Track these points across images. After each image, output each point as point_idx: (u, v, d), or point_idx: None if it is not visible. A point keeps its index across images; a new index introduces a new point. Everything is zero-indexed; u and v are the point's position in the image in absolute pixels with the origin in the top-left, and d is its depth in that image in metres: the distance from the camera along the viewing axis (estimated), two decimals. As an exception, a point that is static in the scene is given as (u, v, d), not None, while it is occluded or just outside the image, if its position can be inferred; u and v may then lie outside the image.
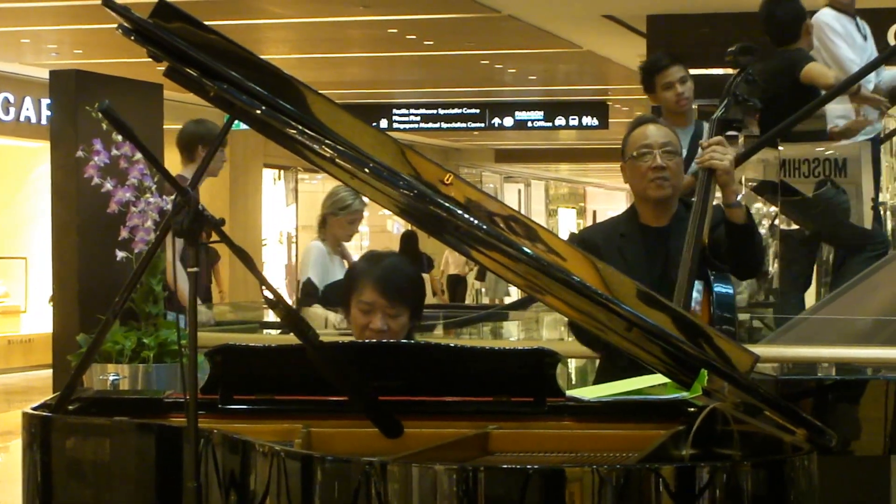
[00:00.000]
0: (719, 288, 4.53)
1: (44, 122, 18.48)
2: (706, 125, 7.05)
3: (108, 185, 5.52)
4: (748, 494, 2.80)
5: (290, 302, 5.51)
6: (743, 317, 8.20)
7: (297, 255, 25.21)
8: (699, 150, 4.69)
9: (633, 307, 3.12)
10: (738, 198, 4.61)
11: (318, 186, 27.62)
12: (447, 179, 3.12)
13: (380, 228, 29.00)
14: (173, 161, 7.05)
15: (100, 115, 5.02)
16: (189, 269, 2.88)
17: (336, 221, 7.23)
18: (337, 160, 3.06)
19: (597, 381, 4.26)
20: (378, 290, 3.98)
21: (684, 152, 7.00)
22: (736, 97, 4.82)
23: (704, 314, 4.40)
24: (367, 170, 3.03)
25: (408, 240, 19.67)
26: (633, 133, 4.67)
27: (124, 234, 5.53)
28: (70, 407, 3.46)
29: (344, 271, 7.61)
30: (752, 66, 4.93)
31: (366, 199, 7.07)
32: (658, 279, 4.40)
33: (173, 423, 3.31)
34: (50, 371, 8.67)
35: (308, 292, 7.19)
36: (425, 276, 18.80)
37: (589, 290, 3.04)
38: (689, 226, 4.47)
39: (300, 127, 3.05)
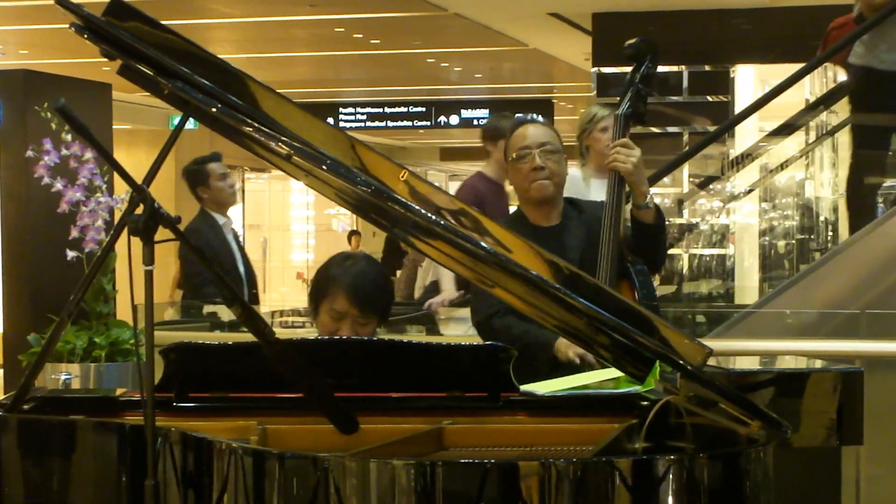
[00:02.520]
0: (643, 284, 4.54)
1: (-10, 122, 18.31)
2: None
3: (59, 185, 5.48)
4: (705, 487, 2.81)
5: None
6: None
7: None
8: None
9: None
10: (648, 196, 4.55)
11: (265, 185, 27.52)
12: (402, 176, 3.13)
13: (325, 227, 28.90)
14: (123, 160, 7.03)
15: (50, 114, 5.01)
16: (145, 268, 2.87)
17: (593, 138, 6.92)
18: (293, 157, 3.06)
19: None
20: (350, 299, 3.95)
21: None
22: (639, 90, 4.75)
23: None
24: (324, 167, 3.03)
25: (392, 241, 19.51)
26: (513, 135, 4.67)
27: (75, 233, 5.50)
28: (24, 406, 3.44)
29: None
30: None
31: (594, 109, 6.87)
32: None
33: (129, 421, 3.30)
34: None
35: None
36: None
37: (547, 285, 3.06)
38: (604, 225, 4.46)
39: (256, 124, 3.05)
